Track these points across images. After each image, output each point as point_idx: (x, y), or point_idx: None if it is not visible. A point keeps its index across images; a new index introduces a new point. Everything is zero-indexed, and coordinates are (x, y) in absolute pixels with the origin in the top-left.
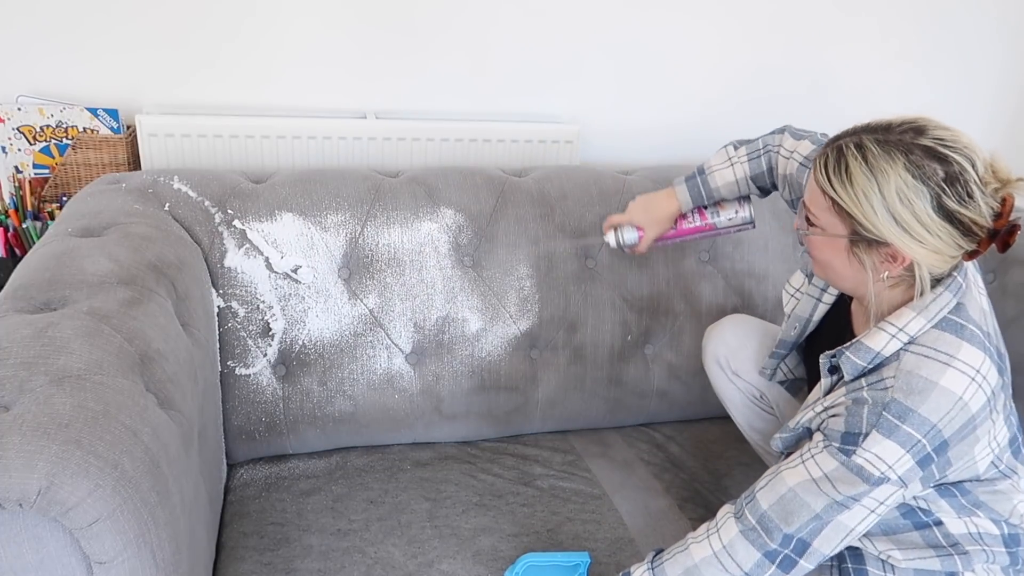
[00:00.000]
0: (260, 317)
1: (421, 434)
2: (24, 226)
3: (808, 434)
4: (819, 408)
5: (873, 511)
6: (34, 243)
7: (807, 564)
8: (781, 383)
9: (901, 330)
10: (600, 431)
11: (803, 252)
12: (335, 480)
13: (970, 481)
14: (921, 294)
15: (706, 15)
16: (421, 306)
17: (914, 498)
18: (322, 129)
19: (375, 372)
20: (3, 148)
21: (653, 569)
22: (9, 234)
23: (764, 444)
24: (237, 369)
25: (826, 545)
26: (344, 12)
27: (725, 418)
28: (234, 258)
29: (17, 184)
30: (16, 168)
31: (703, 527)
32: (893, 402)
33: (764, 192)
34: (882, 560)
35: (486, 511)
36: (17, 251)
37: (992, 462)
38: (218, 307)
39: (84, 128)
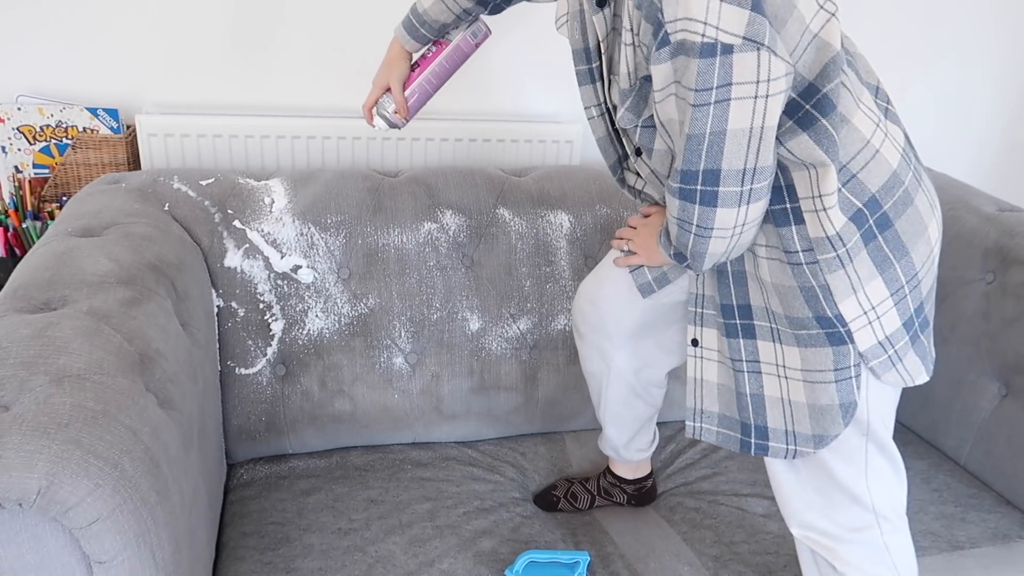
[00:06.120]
0: (260, 317)
1: (421, 434)
2: (24, 226)
3: (648, 83)
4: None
5: (758, 97)
6: (34, 243)
7: (730, 188)
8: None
9: None
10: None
11: None
12: (335, 480)
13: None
14: None
15: None
16: (421, 306)
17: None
18: (322, 129)
19: (375, 372)
20: (3, 148)
21: None
22: (9, 234)
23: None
24: (237, 369)
25: (736, 159)
26: (344, 12)
27: None
28: (234, 258)
29: (17, 184)
30: (16, 168)
31: None
32: None
33: (487, 6)
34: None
35: (486, 512)
36: (17, 251)
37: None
38: (218, 307)
39: (84, 128)
